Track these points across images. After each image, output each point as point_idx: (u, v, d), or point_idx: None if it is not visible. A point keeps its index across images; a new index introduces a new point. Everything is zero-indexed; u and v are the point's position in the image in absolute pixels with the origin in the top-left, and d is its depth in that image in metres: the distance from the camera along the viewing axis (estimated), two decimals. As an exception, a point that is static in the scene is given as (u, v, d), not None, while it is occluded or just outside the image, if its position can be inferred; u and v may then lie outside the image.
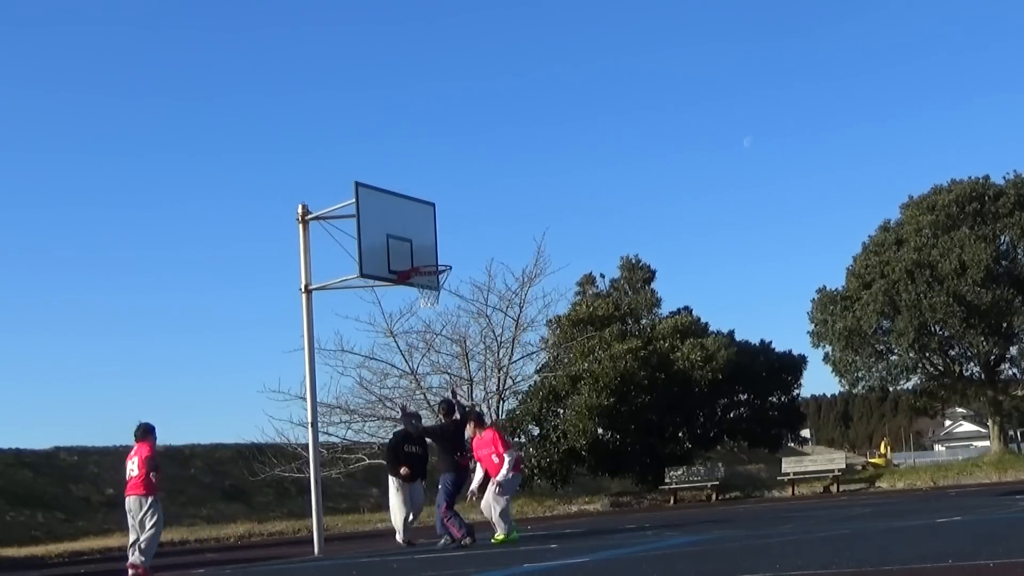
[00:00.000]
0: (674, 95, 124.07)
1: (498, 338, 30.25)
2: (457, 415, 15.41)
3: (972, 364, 34.44)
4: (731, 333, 34.15)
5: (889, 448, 71.99)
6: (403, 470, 15.64)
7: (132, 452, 14.46)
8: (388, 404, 29.16)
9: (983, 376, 34.30)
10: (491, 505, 14.87)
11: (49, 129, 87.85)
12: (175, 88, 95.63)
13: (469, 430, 15.69)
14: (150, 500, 13.97)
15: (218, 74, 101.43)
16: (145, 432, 14.40)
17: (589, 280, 35.50)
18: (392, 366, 29.75)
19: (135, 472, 14.06)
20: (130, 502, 14.06)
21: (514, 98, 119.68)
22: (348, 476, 31.01)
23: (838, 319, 33.40)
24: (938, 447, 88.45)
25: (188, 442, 41.86)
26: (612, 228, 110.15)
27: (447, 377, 30.38)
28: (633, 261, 35.69)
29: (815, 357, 35.29)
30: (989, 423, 36.25)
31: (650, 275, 35.58)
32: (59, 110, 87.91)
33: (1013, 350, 33.71)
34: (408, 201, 17.41)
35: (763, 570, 7.87)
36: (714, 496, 29.57)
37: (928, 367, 34.51)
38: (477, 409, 20.77)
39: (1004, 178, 34.08)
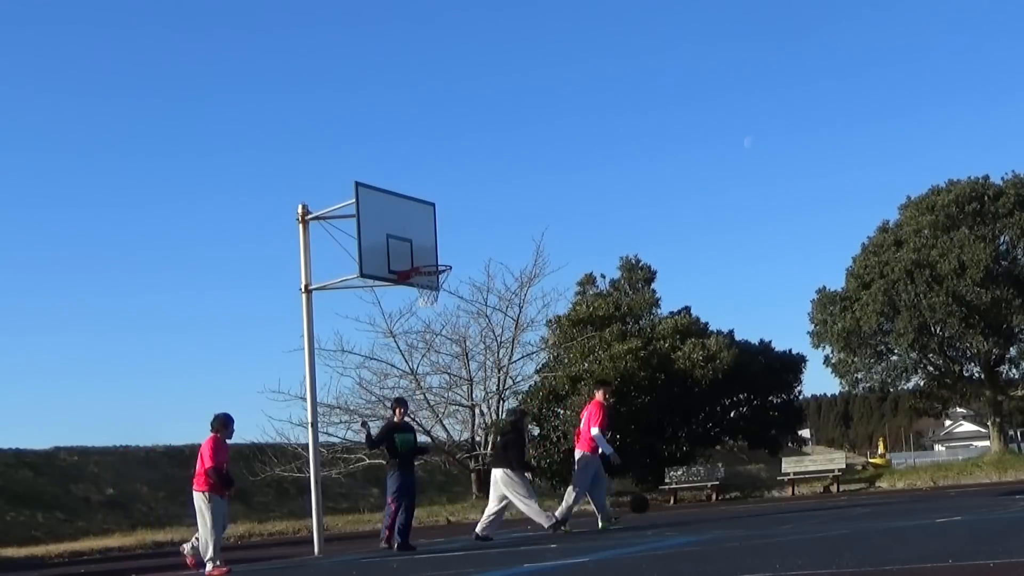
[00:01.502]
0: (674, 95, 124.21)
1: (498, 338, 30.30)
2: (397, 415, 15.28)
3: (972, 364, 34.42)
4: (731, 333, 34.14)
5: (884, 447, 72.11)
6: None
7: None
8: (388, 404, 29.18)
9: (983, 376, 34.29)
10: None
11: (49, 129, 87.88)
12: (175, 88, 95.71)
13: (599, 395, 16.39)
14: (206, 497, 13.51)
15: (218, 74, 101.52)
16: (214, 424, 13.81)
17: (589, 280, 35.47)
18: (392, 366, 29.81)
19: (198, 466, 13.66)
20: (194, 497, 13.68)
21: (514, 98, 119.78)
22: (348, 476, 31.04)
23: (838, 319, 33.39)
24: (938, 447, 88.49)
25: (188, 442, 41.83)
26: (612, 228, 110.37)
27: (447, 377, 30.44)
28: (633, 261, 35.65)
29: (815, 358, 35.32)
30: (989, 423, 36.24)
31: (650, 275, 35.52)
32: (59, 110, 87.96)
33: (1013, 350, 33.69)
34: (408, 201, 17.42)
35: (763, 570, 7.88)
36: (714, 496, 29.55)
37: (928, 367, 34.50)
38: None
39: (1003, 178, 34.08)
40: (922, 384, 35.31)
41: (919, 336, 32.20)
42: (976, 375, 34.62)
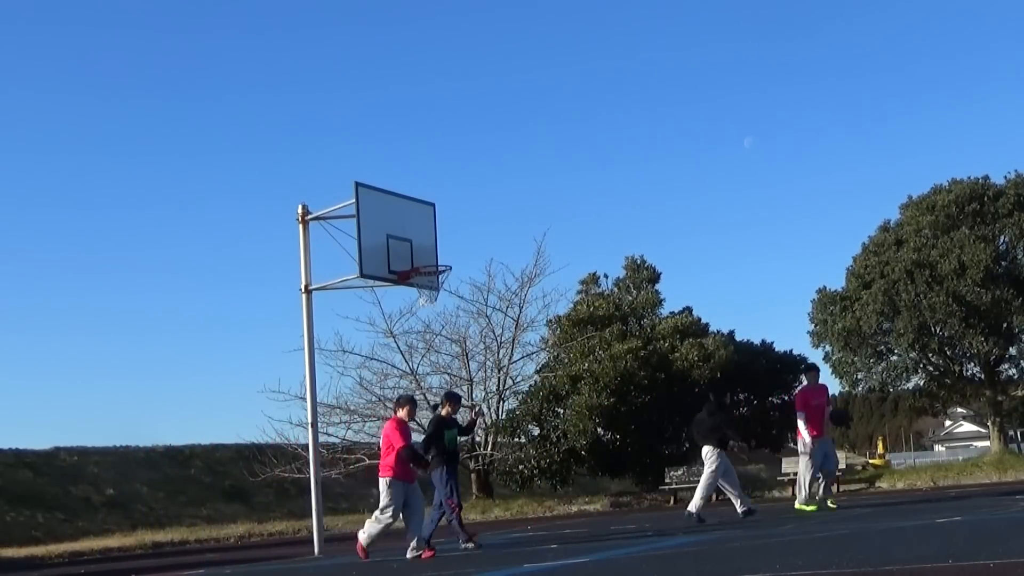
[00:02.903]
0: (674, 95, 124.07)
1: (498, 338, 30.32)
2: (447, 409, 15.07)
3: (972, 364, 34.38)
4: (731, 333, 34.13)
5: (883, 447, 72.13)
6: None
7: None
8: (388, 404, 29.23)
9: (983, 376, 34.25)
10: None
11: (49, 129, 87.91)
12: (175, 88, 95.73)
13: (805, 379, 17.35)
14: (384, 482, 13.45)
15: (218, 74, 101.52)
16: (396, 407, 13.81)
17: (593, 279, 35.42)
18: (392, 366, 29.83)
19: (382, 452, 13.58)
20: (379, 483, 13.63)
21: (514, 98, 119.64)
22: (348, 476, 31.04)
23: (838, 319, 33.37)
24: (938, 447, 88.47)
25: (188, 442, 41.90)
26: (614, 228, 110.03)
27: (447, 377, 30.45)
28: (638, 261, 35.57)
29: (815, 357, 35.22)
30: (989, 423, 36.21)
31: (655, 276, 35.43)
32: (58, 110, 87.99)
33: (1013, 350, 33.65)
34: (408, 201, 17.44)
35: (763, 570, 7.88)
36: (714, 496, 29.45)
37: (928, 367, 34.47)
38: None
39: (1004, 178, 34.04)
40: (922, 384, 35.27)
41: (919, 336, 32.18)
42: (976, 375, 34.58)
